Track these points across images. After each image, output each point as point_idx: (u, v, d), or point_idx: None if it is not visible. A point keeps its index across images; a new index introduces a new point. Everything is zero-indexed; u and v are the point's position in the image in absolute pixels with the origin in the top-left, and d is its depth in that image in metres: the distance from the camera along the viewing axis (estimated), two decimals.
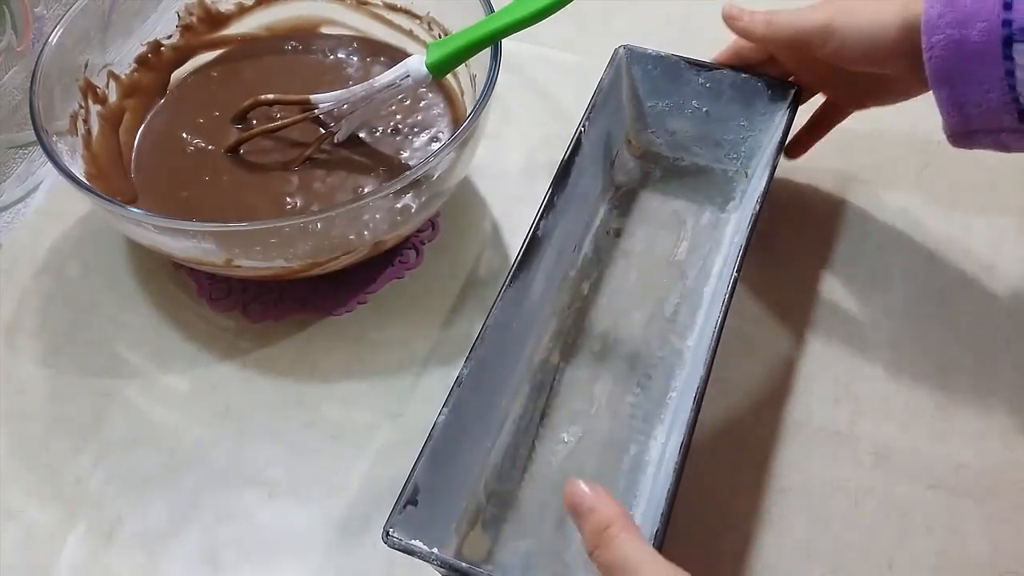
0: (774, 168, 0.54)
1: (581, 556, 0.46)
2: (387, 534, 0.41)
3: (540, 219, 0.51)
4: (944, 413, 0.52)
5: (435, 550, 0.41)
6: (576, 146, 0.55)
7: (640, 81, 0.60)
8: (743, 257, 0.50)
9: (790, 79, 0.57)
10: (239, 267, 0.52)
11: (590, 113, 0.56)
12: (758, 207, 0.52)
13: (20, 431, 0.53)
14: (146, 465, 0.51)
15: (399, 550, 0.41)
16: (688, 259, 0.58)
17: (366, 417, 0.53)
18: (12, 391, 0.54)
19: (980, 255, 0.59)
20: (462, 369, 0.46)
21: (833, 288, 0.58)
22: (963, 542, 0.48)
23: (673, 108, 0.60)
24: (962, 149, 0.49)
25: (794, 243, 0.60)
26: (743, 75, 0.58)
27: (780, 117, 0.57)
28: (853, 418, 0.52)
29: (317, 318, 0.57)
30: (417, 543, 0.41)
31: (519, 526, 0.48)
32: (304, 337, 0.56)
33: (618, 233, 0.59)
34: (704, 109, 0.60)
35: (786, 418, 0.52)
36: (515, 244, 0.60)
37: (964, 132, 0.48)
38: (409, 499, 0.42)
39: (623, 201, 0.61)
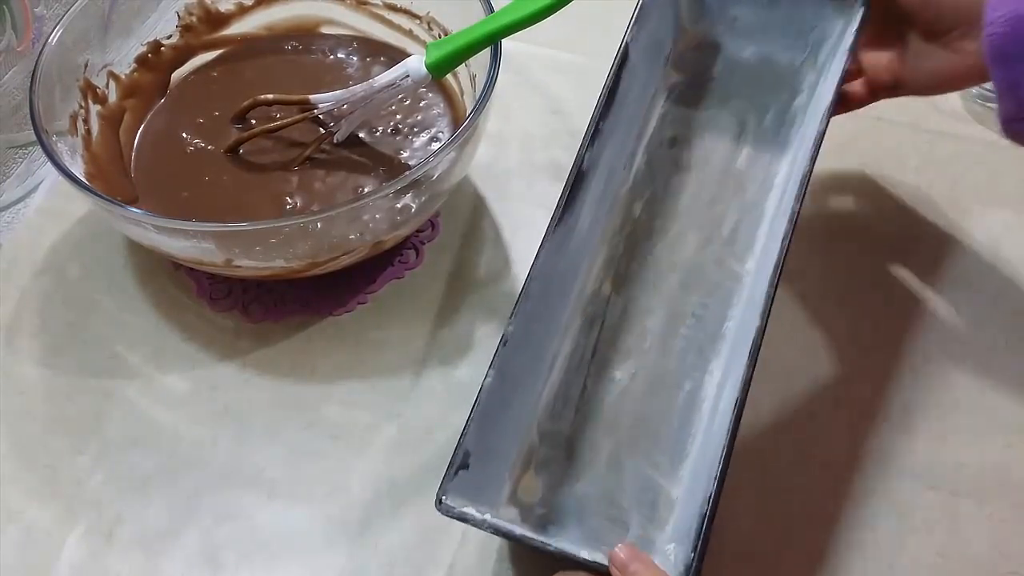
0: (852, 52, 0.50)
1: (635, 499, 0.46)
2: (440, 501, 0.41)
3: (585, 151, 0.49)
4: (944, 413, 0.52)
5: (487, 516, 0.41)
6: (623, 60, 0.51)
7: None
8: (816, 150, 0.47)
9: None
10: (239, 267, 0.52)
11: (636, 16, 0.52)
12: (833, 96, 0.48)
13: (20, 431, 0.53)
14: (145, 465, 0.51)
15: (452, 517, 0.41)
16: (748, 171, 0.54)
17: (366, 417, 0.53)
18: (12, 391, 0.54)
19: (980, 254, 0.59)
20: (507, 327, 0.45)
21: (832, 287, 0.58)
22: (963, 542, 0.48)
23: None
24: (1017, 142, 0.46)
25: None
26: None
27: None
28: (854, 419, 0.52)
29: (317, 318, 0.57)
30: (470, 510, 0.41)
31: (572, 468, 0.47)
32: (304, 337, 0.56)
33: (673, 142, 0.55)
34: None
35: (786, 418, 0.52)
36: (515, 243, 0.60)
37: (1017, 119, 0.44)
38: (460, 465, 0.42)
39: (677, 104, 0.56)
